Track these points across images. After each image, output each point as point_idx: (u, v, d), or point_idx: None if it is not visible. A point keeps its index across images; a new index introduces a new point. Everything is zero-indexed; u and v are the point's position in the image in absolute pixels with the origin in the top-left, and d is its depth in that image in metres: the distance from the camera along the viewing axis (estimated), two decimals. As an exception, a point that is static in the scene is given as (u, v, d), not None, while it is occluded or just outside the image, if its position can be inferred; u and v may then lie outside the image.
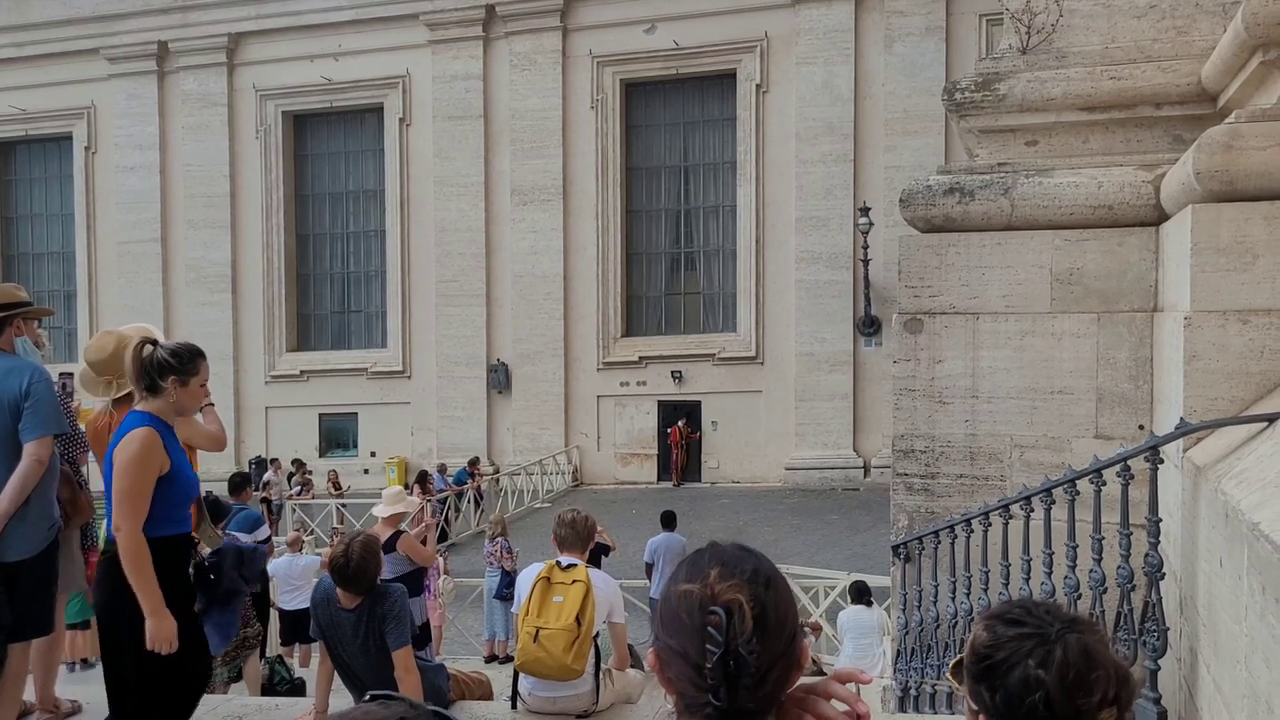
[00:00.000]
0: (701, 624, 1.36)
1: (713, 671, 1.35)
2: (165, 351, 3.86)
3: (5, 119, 30.77)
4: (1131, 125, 6.34)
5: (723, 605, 1.36)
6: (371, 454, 28.49)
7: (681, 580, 1.42)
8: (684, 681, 1.39)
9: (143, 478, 3.69)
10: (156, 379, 3.82)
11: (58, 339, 28.29)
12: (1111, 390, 6.01)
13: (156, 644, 3.63)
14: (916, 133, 24.60)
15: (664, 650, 1.42)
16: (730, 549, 1.45)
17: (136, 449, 3.71)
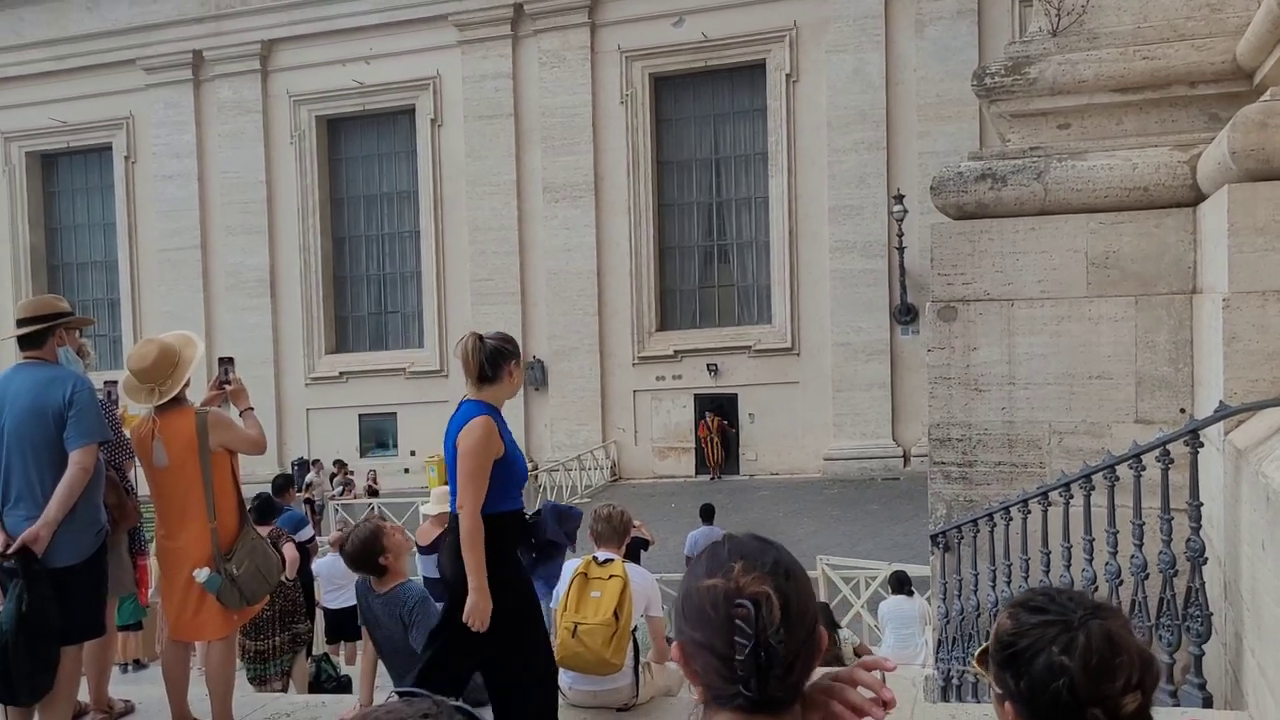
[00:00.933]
0: (728, 617, 1.37)
1: (743, 663, 1.36)
2: (497, 340, 4.23)
3: (47, 131, 31.31)
4: (1166, 105, 6.27)
5: (749, 598, 1.38)
6: (411, 453, 28.71)
7: (703, 575, 1.43)
8: (711, 674, 1.41)
9: (484, 462, 4.03)
10: (495, 367, 4.16)
11: (103, 347, 28.81)
12: (1151, 374, 5.94)
13: (472, 618, 3.95)
14: (950, 118, 24.37)
15: (689, 644, 1.43)
16: (749, 541, 1.47)
17: (480, 435, 4.05)
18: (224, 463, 4.58)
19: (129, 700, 5.15)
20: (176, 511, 4.54)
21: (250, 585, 4.59)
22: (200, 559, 4.47)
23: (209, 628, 4.60)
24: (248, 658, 8.39)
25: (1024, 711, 1.50)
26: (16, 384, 4.33)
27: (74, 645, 4.33)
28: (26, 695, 4.15)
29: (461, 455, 4.05)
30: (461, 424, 4.12)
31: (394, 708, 1.36)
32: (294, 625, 8.77)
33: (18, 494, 4.25)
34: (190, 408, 4.58)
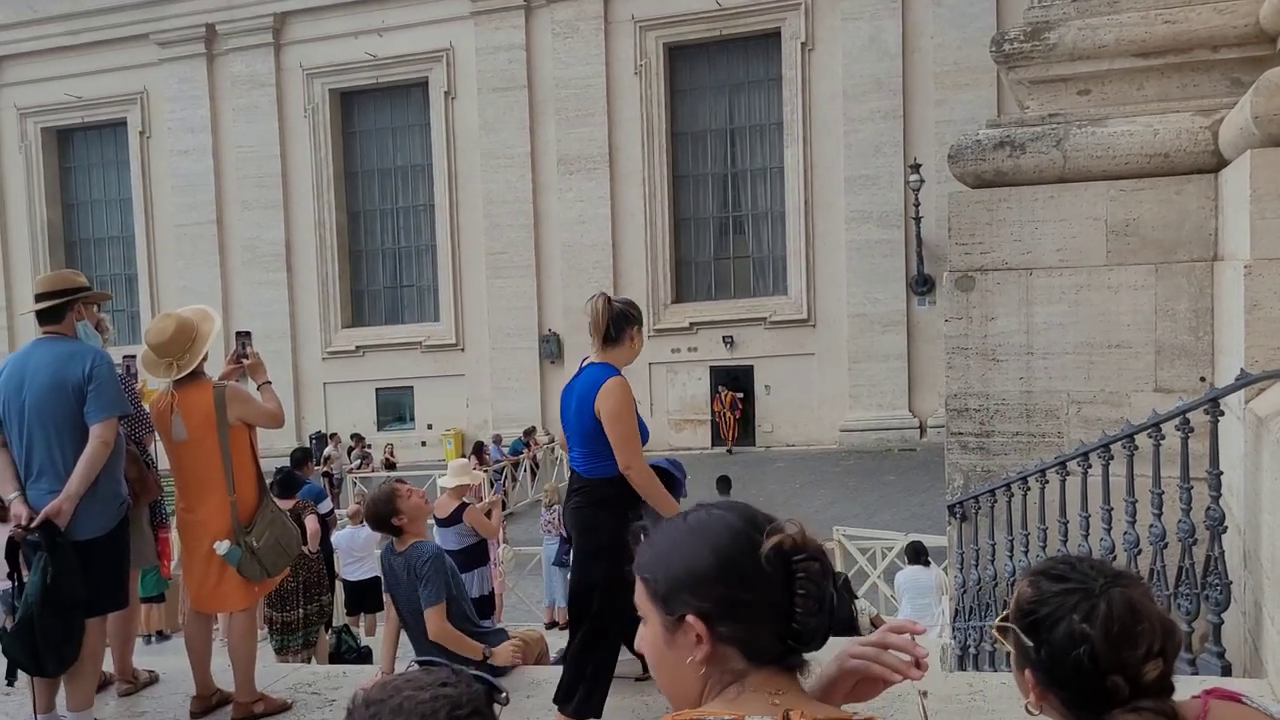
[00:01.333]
0: (790, 573, 1.37)
1: (806, 617, 1.37)
2: (624, 304, 4.47)
3: (62, 107, 31.36)
4: (1188, 70, 6.18)
5: (814, 553, 1.40)
6: (428, 426, 28.85)
7: (743, 531, 1.40)
8: (759, 634, 1.38)
9: (631, 419, 4.21)
10: (619, 329, 4.38)
11: (121, 322, 28.94)
12: (1171, 342, 5.90)
13: None
14: (967, 85, 24.12)
15: (725, 603, 1.37)
16: (736, 502, 1.48)
17: (619, 397, 4.21)
18: (242, 436, 4.61)
19: (153, 671, 5.22)
20: (196, 485, 4.58)
21: (270, 557, 4.63)
22: (220, 532, 4.51)
23: (230, 599, 4.65)
24: (274, 629, 8.49)
25: (1044, 679, 1.50)
26: (36, 359, 4.36)
27: (98, 617, 4.38)
28: (53, 666, 4.20)
29: (610, 421, 4.18)
30: (589, 385, 4.26)
31: (413, 676, 1.37)
32: (319, 597, 8.88)
33: (40, 468, 4.29)
34: (208, 382, 4.61)
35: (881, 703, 4.25)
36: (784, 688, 1.40)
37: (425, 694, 1.33)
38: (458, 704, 1.33)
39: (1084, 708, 1.47)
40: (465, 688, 1.36)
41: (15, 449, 4.33)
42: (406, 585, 4.90)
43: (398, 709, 1.32)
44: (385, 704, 1.33)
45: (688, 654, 1.40)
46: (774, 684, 1.39)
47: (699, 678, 1.40)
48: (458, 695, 1.34)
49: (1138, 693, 1.43)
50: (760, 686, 1.39)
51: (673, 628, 1.41)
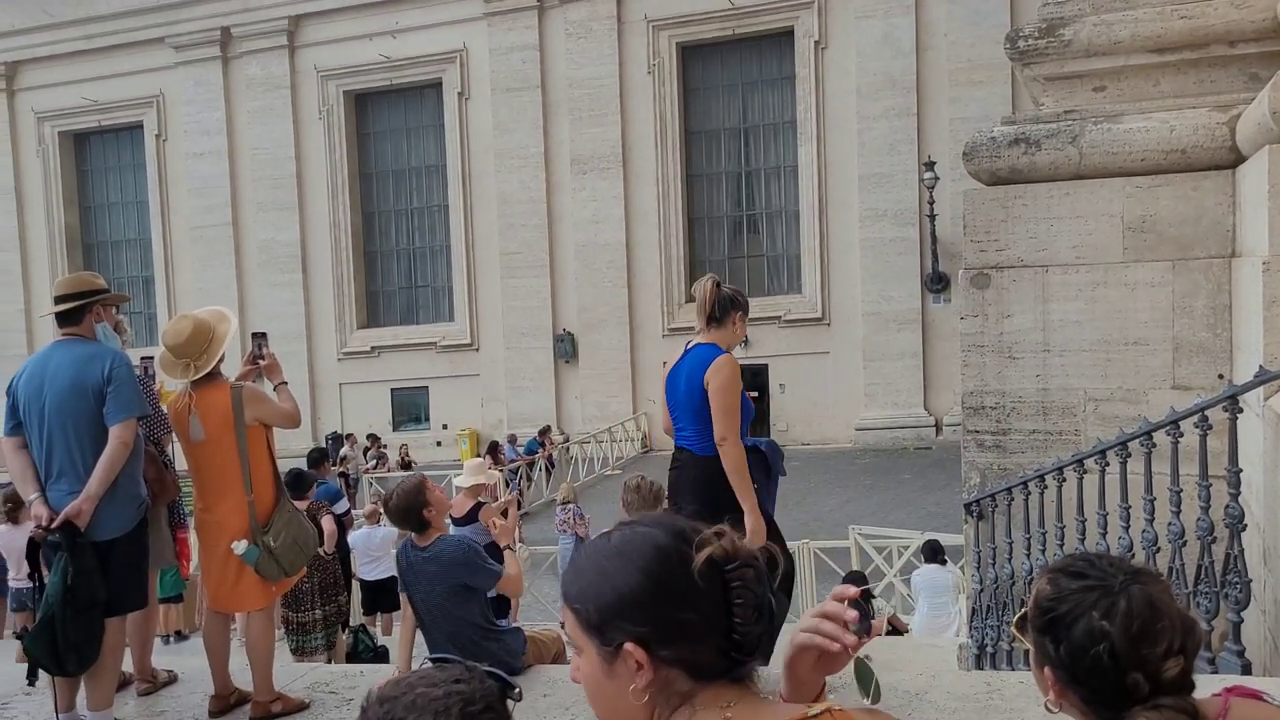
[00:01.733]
0: (725, 584, 1.34)
1: (747, 627, 1.34)
2: (732, 290, 4.72)
3: (79, 111, 31.55)
4: (1204, 65, 6.14)
5: (745, 559, 1.36)
6: (443, 426, 28.91)
7: (674, 550, 1.35)
8: (702, 652, 1.34)
9: (736, 395, 4.44)
10: (724, 312, 4.63)
11: (138, 324, 29.10)
12: (1189, 339, 5.87)
13: (754, 538, 4.26)
14: (982, 83, 24.02)
15: (663, 626, 1.33)
16: (661, 515, 1.45)
17: (730, 372, 4.47)
18: (259, 437, 4.64)
19: (172, 670, 5.25)
20: (214, 485, 4.60)
21: (288, 557, 4.65)
22: (238, 531, 4.54)
23: (248, 599, 4.67)
24: (290, 629, 8.53)
25: (1064, 677, 1.49)
26: (56, 361, 4.39)
27: (117, 617, 4.41)
28: (74, 666, 4.23)
29: (716, 392, 4.40)
30: (697, 364, 4.50)
31: (427, 673, 1.38)
32: (336, 598, 8.91)
33: (60, 469, 4.32)
34: (225, 382, 4.64)
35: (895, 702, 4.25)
36: (735, 699, 1.36)
37: (439, 690, 1.34)
38: (471, 700, 1.34)
39: (1104, 705, 1.46)
40: (479, 684, 1.37)
41: (35, 450, 4.36)
42: (433, 578, 4.87)
43: (411, 705, 1.33)
44: (399, 700, 1.34)
45: (629, 682, 1.35)
46: (724, 697, 1.36)
47: (644, 706, 1.36)
48: (471, 691, 1.35)
49: (1158, 690, 1.42)
50: (710, 703, 1.36)
51: (610, 657, 1.36)
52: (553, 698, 4.61)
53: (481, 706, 1.34)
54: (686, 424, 4.59)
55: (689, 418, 4.55)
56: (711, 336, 4.63)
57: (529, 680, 4.85)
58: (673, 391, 4.67)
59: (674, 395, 4.65)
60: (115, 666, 4.49)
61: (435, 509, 4.98)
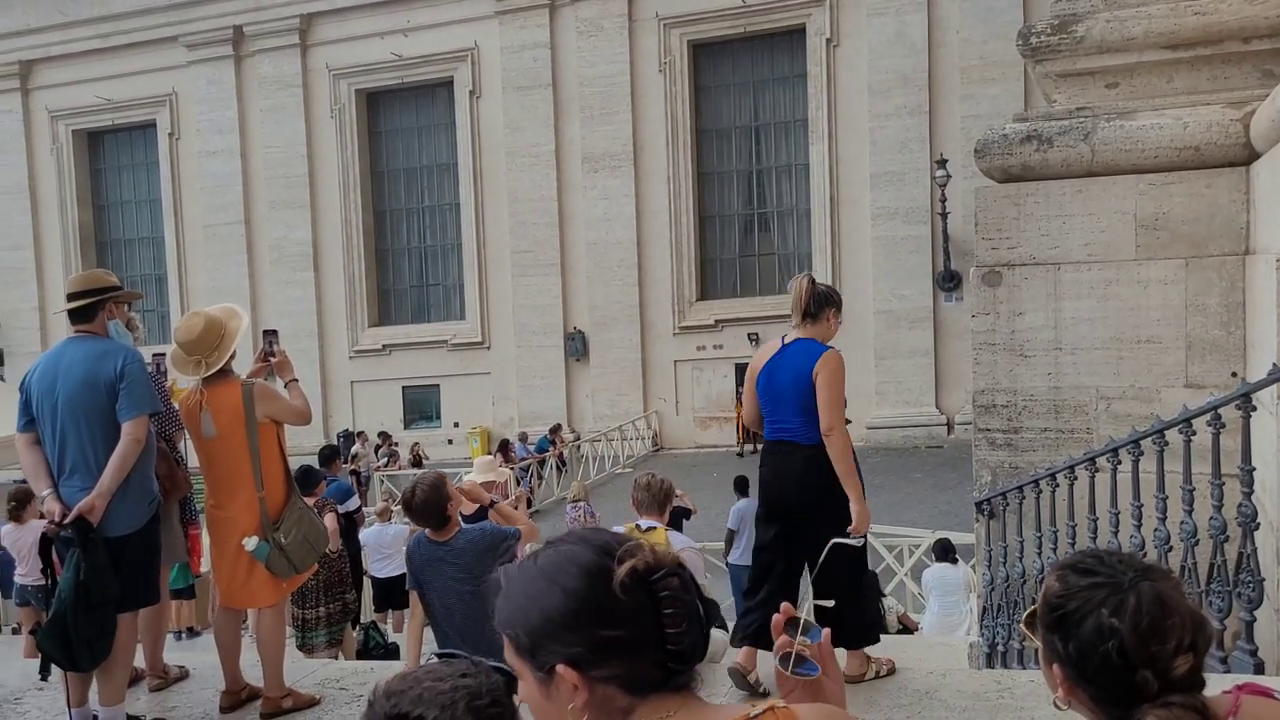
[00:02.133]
0: (652, 595, 1.33)
1: (681, 635, 1.33)
2: (826, 288, 4.94)
3: (93, 109, 31.69)
4: (1218, 62, 6.11)
5: (670, 568, 1.35)
6: (455, 424, 28.97)
7: (597, 569, 1.35)
8: (639, 667, 1.34)
9: (842, 387, 4.68)
10: (819, 308, 4.83)
11: (151, 322, 29.22)
12: (1202, 337, 5.83)
13: (859, 527, 4.62)
14: (994, 80, 23.93)
15: (593, 645, 1.33)
16: (585, 531, 1.44)
17: (837, 365, 4.70)
18: (270, 434, 4.65)
19: (183, 666, 5.27)
20: (225, 481, 4.62)
21: (298, 553, 4.67)
22: (249, 528, 4.55)
23: (259, 595, 4.69)
24: (296, 625, 8.56)
25: (1072, 674, 1.49)
26: (69, 357, 4.41)
27: (129, 612, 4.43)
28: (86, 661, 4.25)
29: (825, 384, 4.63)
30: (804, 356, 4.71)
31: (433, 668, 1.38)
32: (342, 595, 8.92)
33: (73, 465, 4.34)
34: (236, 379, 4.65)
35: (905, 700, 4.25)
36: (676, 707, 1.36)
37: (445, 684, 1.34)
38: (477, 694, 1.34)
39: (1112, 703, 1.45)
40: (485, 678, 1.37)
41: (48, 446, 4.38)
42: (456, 570, 4.87)
43: (418, 699, 1.33)
44: (405, 694, 1.34)
45: (568, 702, 1.35)
46: (664, 708, 1.35)
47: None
48: (477, 685, 1.35)
49: (1167, 687, 1.41)
50: (651, 713, 1.35)
51: (546, 680, 1.36)
52: (562, 695, 4.61)
53: (488, 700, 1.34)
54: (791, 415, 4.72)
55: (794, 409, 4.69)
56: (808, 331, 4.83)
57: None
58: (770, 385, 4.80)
59: (772, 388, 4.79)
60: (127, 662, 4.51)
61: (454, 502, 4.99)
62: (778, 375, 4.77)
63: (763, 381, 4.84)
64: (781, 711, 1.36)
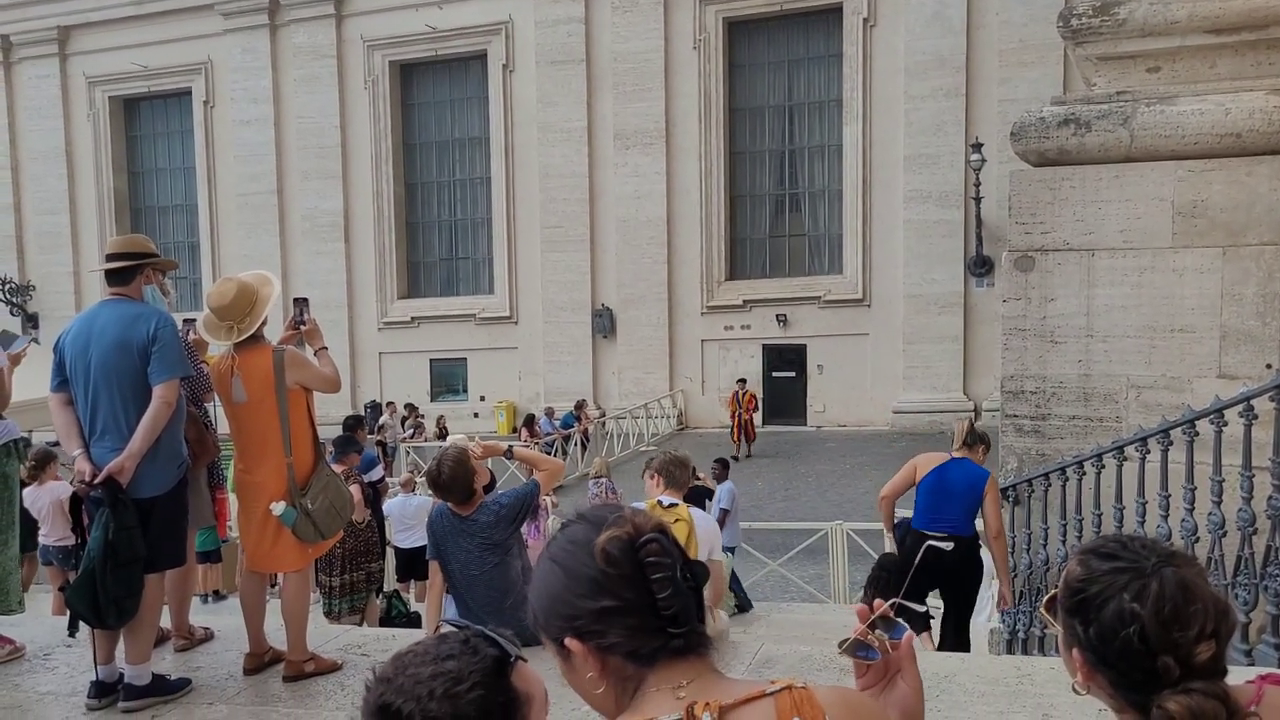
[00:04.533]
0: (638, 562, 1.37)
1: (669, 598, 1.36)
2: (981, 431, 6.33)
3: (129, 76, 31.91)
4: (1263, 47, 5.99)
5: (654, 531, 1.39)
6: (481, 398, 29.10)
7: (585, 541, 1.40)
8: (633, 635, 1.37)
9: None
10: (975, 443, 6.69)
11: (183, 289, 29.51)
12: (1237, 328, 5.76)
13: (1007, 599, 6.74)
14: (1032, 63, 23.62)
15: (595, 620, 1.37)
16: (590, 509, 1.48)
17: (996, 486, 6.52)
18: (300, 400, 4.68)
19: (209, 628, 5.34)
20: (254, 446, 4.66)
21: (324, 520, 4.70)
22: (277, 493, 4.59)
23: (285, 560, 4.73)
24: (322, 591, 8.66)
25: (1092, 659, 1.47)
26: (103, 319, 4.45)
27: (157, 573, 4.48)
28: (114, 619, 4.31)
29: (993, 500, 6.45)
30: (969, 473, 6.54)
31: (422, 649, 1.36)
32: (367, 565, 9.00)
33: (104, 426, 4.39)
34: (268, 346, 4.68)
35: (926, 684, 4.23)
36: (688, 676, 1.38)
37: (426, 670, 1.32)
38: (458, 679, 1.31)
39: (1132, 688, 1.44)
40: (470, 658, 1.34)
41: (80, 407, 4.43)
42: (481, 542, 4.91)
43: (400, 689, 1.32)
44: (392, 682, 1.33)
45: (586, 673, 1.40)
46: (676, 676, 1.38)
47: (605, 694, 1.41)
48: (459, 670, 1.32)
49: (1188, 674, 1.39)
50: (663, 683, 1.38)
51: (564, 655, 1.42)
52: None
53: (468, 685, 1.31)
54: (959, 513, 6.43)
55: (962, 509, 6.41)
56: (963, 454, 6.64)
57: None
58: (942, 485, 6.45)
59: (944, 488, 6.43)
60: (154, 622, 4.57)
61: (478, 476, 5.03)
62: (950, 481, 6.38)
63: (934, 481, 6.47)
64: (799, 691, 1.38)
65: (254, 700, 4.52)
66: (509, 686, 1.36)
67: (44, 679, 4.84)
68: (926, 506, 6.52)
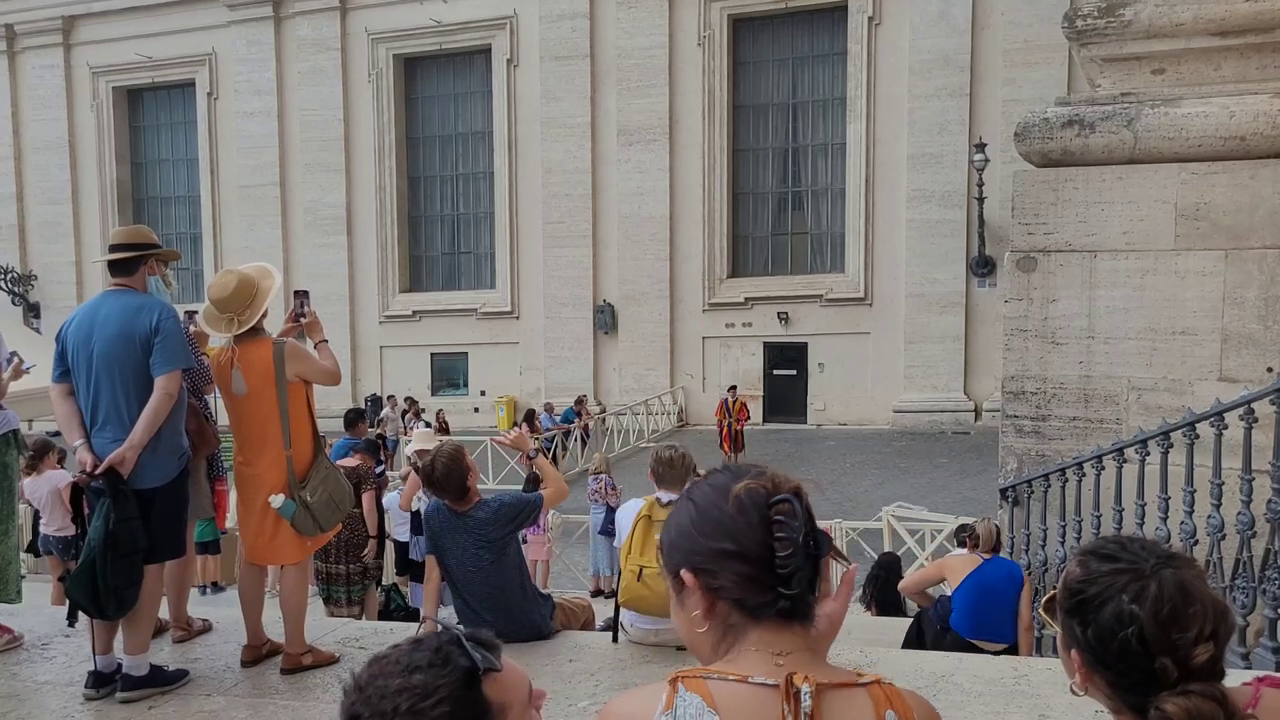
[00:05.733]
0: (765, 518, 1.39)
1: (787, 559, 1.37)
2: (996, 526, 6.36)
3: (133, 67, 31.90)
4: (1268, 50, 5.99)
5: (790, 492, 1.41)
6: (481, 393, 29.10)
7: (724, 488, 1.43)
8: (744, 586, 1.40)
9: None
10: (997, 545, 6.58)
11: (185, 280, 29.51)
12: (1238, 331, 5.76)
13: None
14: (1037, 64, 23.60)
15: (712, 559, 1.41)
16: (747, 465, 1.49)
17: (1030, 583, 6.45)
18: (300, 393, 4.68)
19: (207, 620, 5.34)
20: (254, 439, 4.66)
21: (323, 513, 4.70)
22: (276, 485, 4.59)
23: (283, 552, 4.73)
24: (320, 578, 8.68)
25: (1090, 660, 1.47)
26: (106, 310, 4.45)
27: (156, 564, 4.49)
28: (113, 610, 4.31)
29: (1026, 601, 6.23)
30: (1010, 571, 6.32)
31: (397, 657, 1.35)
32: (363, 557, 9.00)
33: (105, 416, 4.39)
34: (268, 338, 4.68)
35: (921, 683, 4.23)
36: (790, 647, 1.40)
37: (394, 682, 1.30)
38: (425, 693, 1.29)
39: (1130, 689, 1.44)
40: (438, 671, 1.31)
41: (82, 398, 4.43)
42: (478, 539, 4.92)
43: (368, 700, 1.30)
44: (362, 693, 1.32)
45: (693, 610, 1.44)
46: (778, 643, 1.40)
47: (705, 635, 1.44)
48: (426, 684, 1.29)
49: (1187, 676, 1.39)
50: (764, 645, 1.40)
51: (678, 588, 1.46)
52: (579, 663, 4.65)
53: (434, 700, 1.28)
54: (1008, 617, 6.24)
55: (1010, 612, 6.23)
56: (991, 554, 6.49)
57: (557, 645, 4.89)
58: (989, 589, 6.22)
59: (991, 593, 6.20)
60: (152, 613, 4.57)
61: (473, 474, 5.03)
62: (993, 583, 6.21)
63: (977, 583, 6.24)
64: (887, 686, 1.41)
65: (251, 692, 4.52)
66: (478, 699, 1.32)
67: (42, 668, 4.84)
68: (972, 611, 6.20)
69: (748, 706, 1.35)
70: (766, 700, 1.35)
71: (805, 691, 1.34)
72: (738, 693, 1.36)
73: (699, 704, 1.36)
